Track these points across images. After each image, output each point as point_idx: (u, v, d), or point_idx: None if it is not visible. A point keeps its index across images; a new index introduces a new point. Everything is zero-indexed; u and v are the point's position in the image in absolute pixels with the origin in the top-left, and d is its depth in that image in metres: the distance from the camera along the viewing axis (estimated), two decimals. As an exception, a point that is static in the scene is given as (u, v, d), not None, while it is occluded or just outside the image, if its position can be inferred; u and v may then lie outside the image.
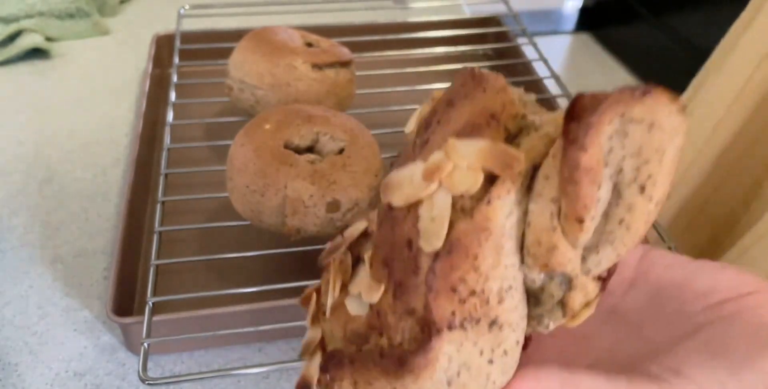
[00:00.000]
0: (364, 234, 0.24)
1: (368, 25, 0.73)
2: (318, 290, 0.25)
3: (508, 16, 0.74)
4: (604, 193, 0.19)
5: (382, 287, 0.21)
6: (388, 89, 0.63)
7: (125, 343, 0.44)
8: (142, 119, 0.58)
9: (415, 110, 0.53)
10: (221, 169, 0.47)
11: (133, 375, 0.43)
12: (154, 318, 0.41)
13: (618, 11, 2.16)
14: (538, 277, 0.20)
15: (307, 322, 0.25)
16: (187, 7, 0.71)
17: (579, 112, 0.18)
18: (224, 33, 0.67)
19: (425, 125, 0.23)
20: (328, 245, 0.25)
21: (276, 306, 0.43)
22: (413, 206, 0.20)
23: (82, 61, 0.74)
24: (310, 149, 0.46)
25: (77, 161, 0.60)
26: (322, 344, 0.24)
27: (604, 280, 0.21)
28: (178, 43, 0.66)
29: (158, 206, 0.48)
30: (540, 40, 0.69)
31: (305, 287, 0.44)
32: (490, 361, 0.21)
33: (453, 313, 0.19)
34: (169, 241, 0.48)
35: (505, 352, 0.21)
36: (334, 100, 0.55)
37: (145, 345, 0.39)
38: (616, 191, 0.19)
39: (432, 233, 0.19)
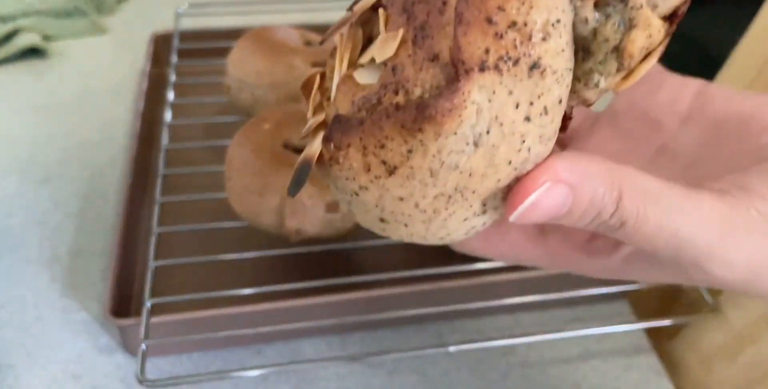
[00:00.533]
0: (375, 8, 0.20)
1: (367, 24, 0.73)
2: (322, 75, 0.22)
3: None
4: None
5: (401, 33, 0.18)
6: (388, 89, 0.62)
7: (123, 345, 0.44)
8: (140, 119, 0.58)
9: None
10: (220, 169, 0.47)
11: (131, 376, 0.43)
12: (153, 320, 0.40)
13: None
14: (591, 15, 0.17)
15: (308, 114, 0.22)
16: (185, 6, 0.71)
17: None
18: (223, 32, 0.67)
19: None
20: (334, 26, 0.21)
21: (275, 307, 0.43)
22: None
23: (80, 60, 0.73)
24: (309, 149, 0.46)
25: (74, 161, 0.59)
26: (325, 124, 0.21)
27: (671, 21, 0.18)
28: (176, 43, 0.65)
29: (156, 207, 0.48)
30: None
31: (305, 289, 0.44)
32: (527, 118, 0.17)
33: (486, 50, 0.16)
34: (167, 242, 0.48)
35: (546, 110, 0.18)
36: (334, 99, 0.55)
37: (144, 346, 0.39)
38: None
39: None
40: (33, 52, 0.73)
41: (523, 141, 0.18)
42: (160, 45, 0.69)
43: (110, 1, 0.81)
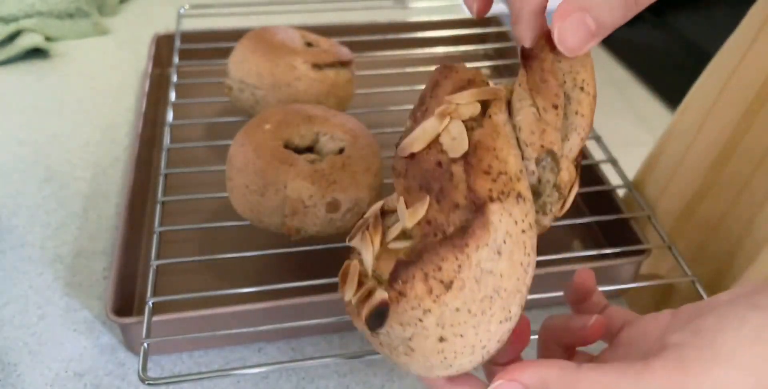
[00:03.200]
0: (383, 212, 0.29)
1: (368, 25, 0.73)
2: (348, 266, 0.29)
3: (509, 16, 0.74)
4: (561, 92, 0.27)
5: (427, 199, 0.26)
6: (388, 89, 0.62)
7: (125, 343, 0.44)
8: (142, 119, 0.58)
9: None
10: (221, 169, 0.47)
11: (132, 375, 0.43)
12: (154, 318, 0.41)
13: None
14: (536, 169, 0.27)
15: (348, 294, 0.28)
16: (186, 6, 0.71)
17: (526, 52, 0.28)
18: (224, 33, 0.67)
19: (419, 103, 0.30)
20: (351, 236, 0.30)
21: (275, 306, 0.43)
22: (433, 143, 0.27)
23: (82, 61, 0.74)
24: (310, 149, 0.46)
25: (77, 161, 0.60)
26: (370, 294, 0.27)
27: (577, 165, 0.28)
28: (177, 43, 0.66)
29: (158, 207, 0.48)
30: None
31: (305, 287, 0.44)
32: (523, 231, 0.26)
33: (490, 189, 0.25)
34: (168, 241, 0.48)
35: (530, 226, 0.26)
36: (334, 100, 0.55)
37: (145, 345, 0.39)
38: (567, 96, 0.28)
39: (457, 145, 0.26)
40: (35, 53, 0.73)
41: (526, 247, 0.26)
42: (162, 46, 0.69)
43: (112, 2, 0.82)
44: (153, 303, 0.41)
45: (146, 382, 0.37)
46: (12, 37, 0.72)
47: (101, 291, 0.48)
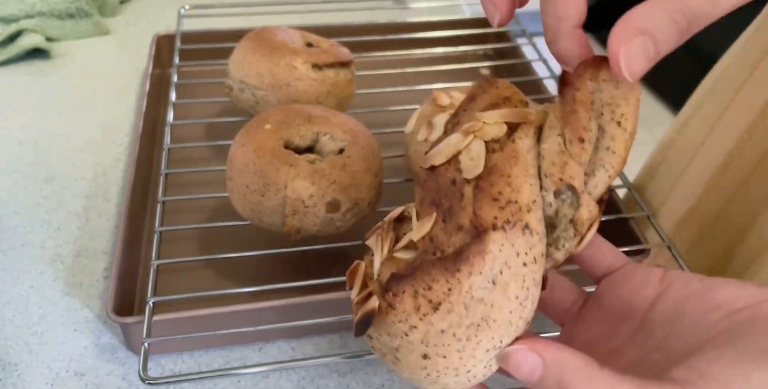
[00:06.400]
0: (400, 218, 0.29)
1: (368, 25, 0.73)
2: (357, 266, 0.29)
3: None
4: (593, 131, 0.26)
5: (434, 215, 0.26)
6: (388, 89, 0.63)
7: (125, 343, 0.44)
8: (143, 119, 0.58)
9: (415, 109, 0.54)
10: (221, 169, 0.47)
11: (133, 374, 0.43)
12: (155, 318, 0.41)
13: (618, 11, 2.14)
14: (554, 201, 0.26)
15: (354, 292, 0.28)
16: (187, 7, 0.71)
17: (567, 78, 0.27)
18: (224, 33, 0.67)
19: (454, 114, 0.29)
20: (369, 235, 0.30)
21: (276, 305, 0.43)
22: (453, 159, 0.27)
23: (83, 61, 0.74)
24: (310, 149, 0.46)
25: (78, 161, 0.60)
26: (371, 295, 0.27)
27: (601, 203, 0.27)
28: (178, 44, 0.66)
29: (158, 206, 0.48)
30: (540, 41, 0.68)
31: (305, 287, 0.44)
32: (525, 264, 0.25)
33: (495, 217, 0.25)
34: (169, 241, 0.49)
35: (535, 259, 0.25)
36: (334, 100, 0.55)
37: (146, 344, 0.39)
38: (601, 129, 0.26)
39: (473, 166, 0.26)
40: (36, 53, 0.73)
41: (524, 281, 0.25)
42: (163, 46, 0.70)
43: (113, 3, 0.82)
44: (153, 303, 0.41)
45: (146, 382, 0.37)
46: (13, 38, 0.72)
47: (102, 291, 0.48)
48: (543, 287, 0.27)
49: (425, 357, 0.26)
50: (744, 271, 0.46)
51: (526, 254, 0.25)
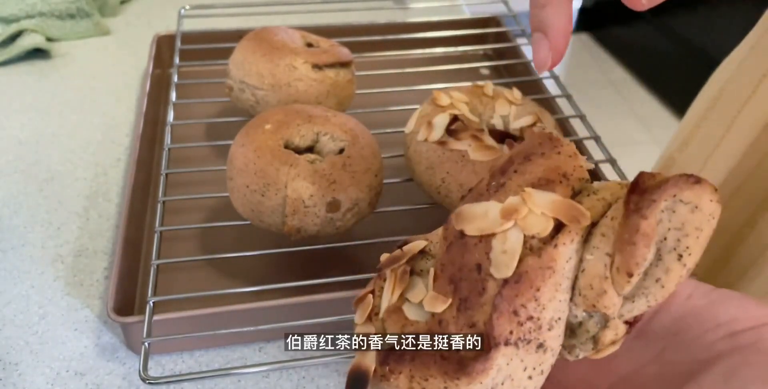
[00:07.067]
0: (421, 251, 0.28)
1: (368, 25, 0.73)
2: (372, 292, 0.28)
3: (508, 17, 0.74)
4: (648, 261, 0.23)
5: (449, 301, 0.24)
6: (388, 89, 0.63)
7: (126, 343, 0.44)
8: (143, 119, 0.58)
9: (415, 110, 0.54)
10: (221, 169, 0.47)
11: (133, 374, 0.43)
12: (155, 318, 0.41)
13: (617, 11, 2.16)
14: (581, 314, 0.24)
15: (357, 319, 0.28)
16: (187, 7, 0.71)
17: (641, 186, 0.23)
18: (224, 33, 0.67)
19: (501, 171, 0.26)
20: (383, 258, 0.28)
21: (276, 305, 0.43)
22: (485, 237, 0.24)
23: (83, 61, 0.74)
24: (310, 149, 0.46)
25: (78, 161, 0.60)
26: (372, 333, 0.27)
27: (631, 324, 0.24)
28: (178, 44, 0.66)
29: (159, 206, 0.48)
30: (540, 41, 0.69)
31: (305, 286, 0.44)
32: (530, 377, 0.24)
33: (511, 332, 0.23)
34: (169, 240, 0.49)
35: (542, 372, 0.24)
36: (334, 100, 0.55)
37: (146, 344, 0.39)
38: (658, 255, 0.23)
39: (503, 264, 0.23)
40: (37, 53, 0.73)
41: None
42: (163, 46, 0.70)
43: (113, 3, 0.82)
44: (154, 303, 0.41)
45: (147, 381, 0.37)
46: (13, 38, 0.72)
47: (102, 291, 0.48)
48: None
49: None
50: (743, 274, 0.46)
51: (534, 369, 0.24)
